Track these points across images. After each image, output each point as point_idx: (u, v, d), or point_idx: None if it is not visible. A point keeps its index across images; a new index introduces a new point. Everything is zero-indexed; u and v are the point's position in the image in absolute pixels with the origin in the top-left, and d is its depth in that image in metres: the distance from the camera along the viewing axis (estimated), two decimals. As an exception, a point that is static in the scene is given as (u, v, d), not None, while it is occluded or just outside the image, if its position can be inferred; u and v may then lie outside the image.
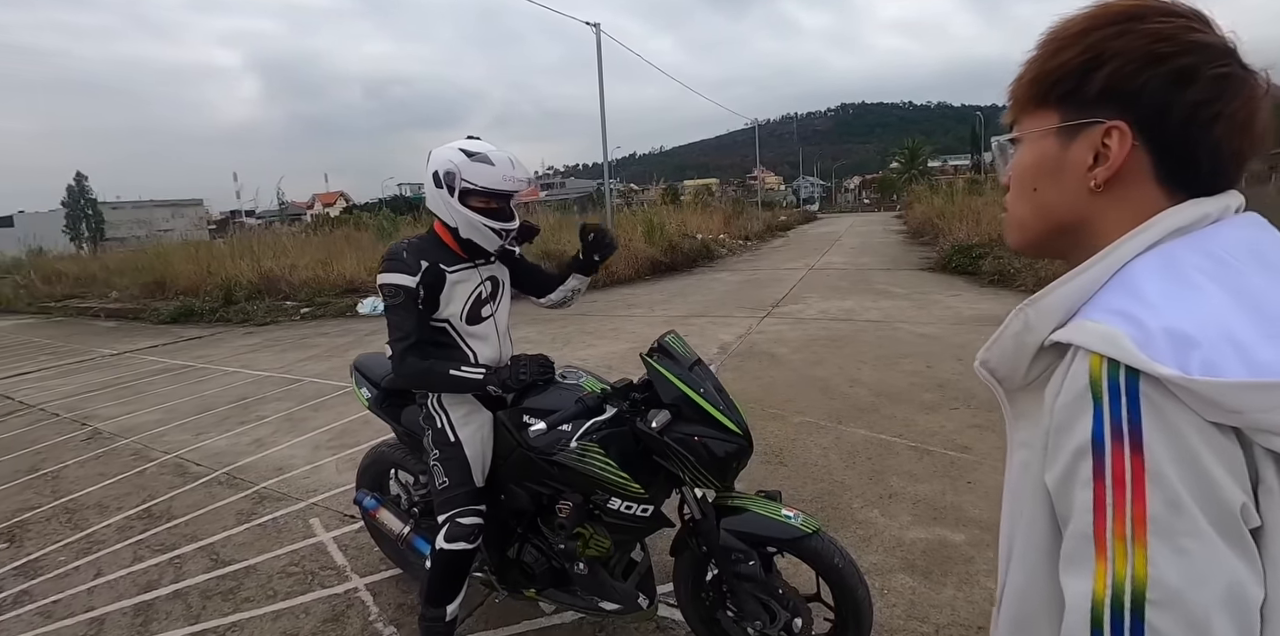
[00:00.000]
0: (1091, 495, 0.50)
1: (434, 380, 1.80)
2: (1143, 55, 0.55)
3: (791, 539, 1.65)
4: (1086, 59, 0.57)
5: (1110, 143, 0.56)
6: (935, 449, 3.55)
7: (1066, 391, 0.52)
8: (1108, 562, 0.49)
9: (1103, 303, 0.54)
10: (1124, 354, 0.49)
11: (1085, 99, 0.58)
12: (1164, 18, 0.55)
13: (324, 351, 7.09)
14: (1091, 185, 0.58)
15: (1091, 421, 0.50)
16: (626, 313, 8.46)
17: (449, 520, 1.80)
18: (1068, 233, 0.62)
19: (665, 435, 1.57)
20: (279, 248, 13.36)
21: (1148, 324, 0.49)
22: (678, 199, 27.45)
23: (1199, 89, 0.54)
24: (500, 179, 1.75)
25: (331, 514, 3.13)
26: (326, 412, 4.78)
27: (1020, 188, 0.65)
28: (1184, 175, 0.57)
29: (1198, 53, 0.54)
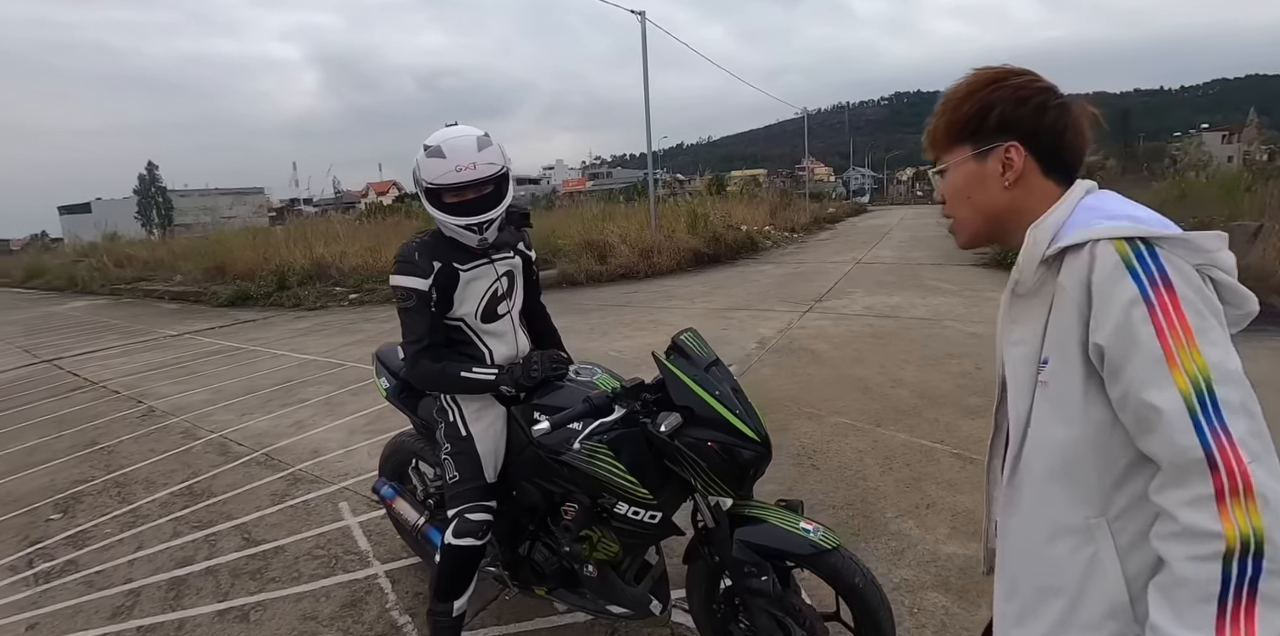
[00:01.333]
0: (1152, 327, 0.74)
1: (446, 382, 1.76)
2: (1014, 101, 0.88)
3: (809, 554, 1.55)
4: (980, 109, 0.90)
5: (1011, 156, 0.89)
6: (979, 457, 3.37)
7: (1100, 269, 0.77)
8: (1179, 369, 0.72)
9: (1087, 220, 0.83)
10: (1141, 232, 0.77)
11: (987, 132, 0.90)
12: (1016, 77, 0.90)
13: (368, 337, 7.25)
14: (1005, 185, 0.90)
15: (1132, 281, 0.75)
16: (666, 304, 8.38)
17: (458, 515, 1.78)
18: (1000, 220, 0.93)
19: (676, 439, 1.48)
20: (331, 235, 13.74)
21: (1139, 216, 0.82)
22: (723, 189, 27.08)
23: (1050, 115, 0.88)
24: (451, 170, 1.59)
25: (360, 499, 3.17)
26: (364, 397, 4.87)
27: (957, 199, 0.96)
28: (1057, 167, 0.90)
29: (1043, 94, 0.89)
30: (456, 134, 1.66)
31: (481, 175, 1.62)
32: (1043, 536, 0.87)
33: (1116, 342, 0.75)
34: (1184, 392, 0.72)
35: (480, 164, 1.62)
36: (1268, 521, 0.67)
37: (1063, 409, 0.83)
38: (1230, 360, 0.73)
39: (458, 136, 1.65)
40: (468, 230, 1.68)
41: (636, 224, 13.39)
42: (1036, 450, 0.87)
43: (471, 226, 1.68)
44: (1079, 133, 0.89)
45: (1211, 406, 0.71)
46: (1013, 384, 0.89)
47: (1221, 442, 0.70)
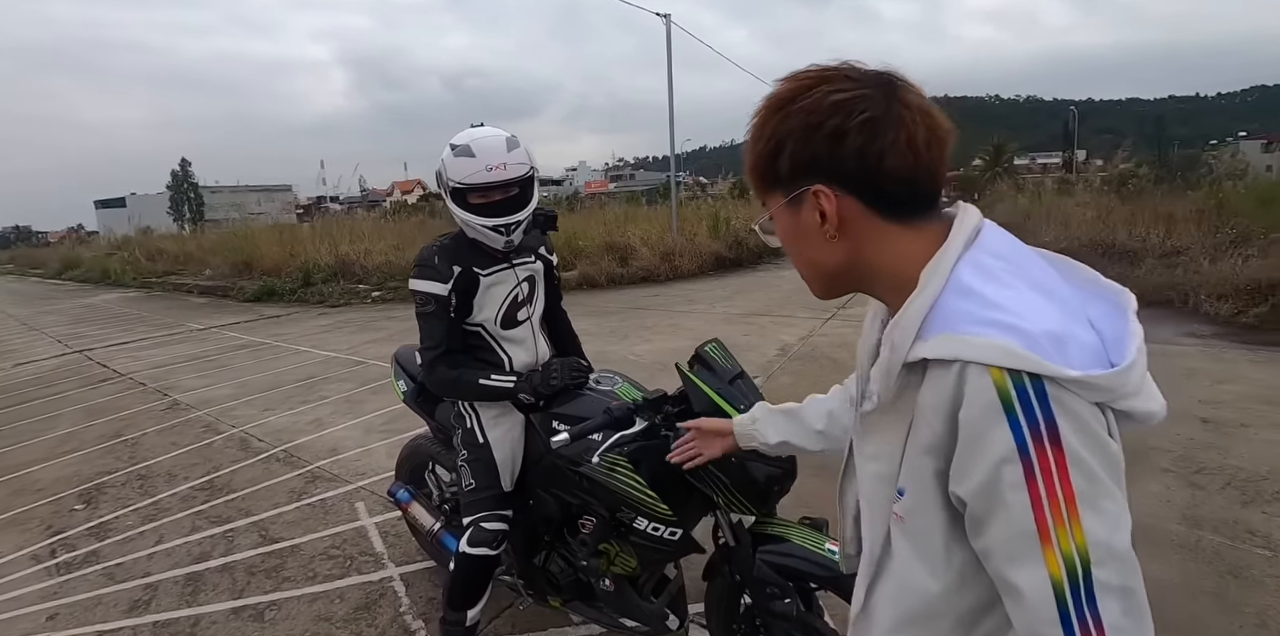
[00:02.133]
0: (1027, 495, 0.58)
1: (464, 390, 1.74)
2: (802, 130, 0.66)
3: (836, 576, 1.47)
4: (771, 147, 0.69)
5: (821, 202, 0.67)
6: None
7: (969, 406, 0.59)
8: (1054, 547, 0.58)
9: (961, 313, 0.61)
10: (1028, 363, 0.57)
11: (785, 177, 0.69)
12: (808, 93, 0.66)
13: (390, 335, 7.30)
14: (829, 237, 0.69)
15: (1009, 430, 0.57)
16: (687, 308, 8.33)
17: (473, 524, 1.75)
18: (844, 274, 0.73)
19: None
20: (356, 233, 13.91)
21: (1027, 330, 0.58)
22: (747, 193, 26.83)
23: (853, 139, 0.64)
24: (482, 170, 1.56)
25: (376, 499, 3.16)
26: (384, 396, 4.89)
27: (791, 252, 0.76)
28: (889, 203, 0.67)
29: (838, 112, 0.64)
30: (485, 134, 1.63)
31: (511, 176, 1.60)
32: None
33: (981, 502, 0.61)
34: (1055, 577, 0.59)
35: (510, 164, 1.59)
36: None
37: (923, 551, 0.70)
38: (1118, 533, 0.59)
39: (487, 136, 1.62)
40: (495, 231, 1.65)
41: (658, 226, 13.37)
42: (892, 592, 0.75)
43: (499, 228, 1.65)
44: (909, 153, 0.65)
45: (1085, 592, 0.59)
46: (866, 504, 0.76)
47: (1089, 634, 0.59)
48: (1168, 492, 3.01)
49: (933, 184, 0.67)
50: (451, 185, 1.62)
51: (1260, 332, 6.21)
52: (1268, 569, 2.40)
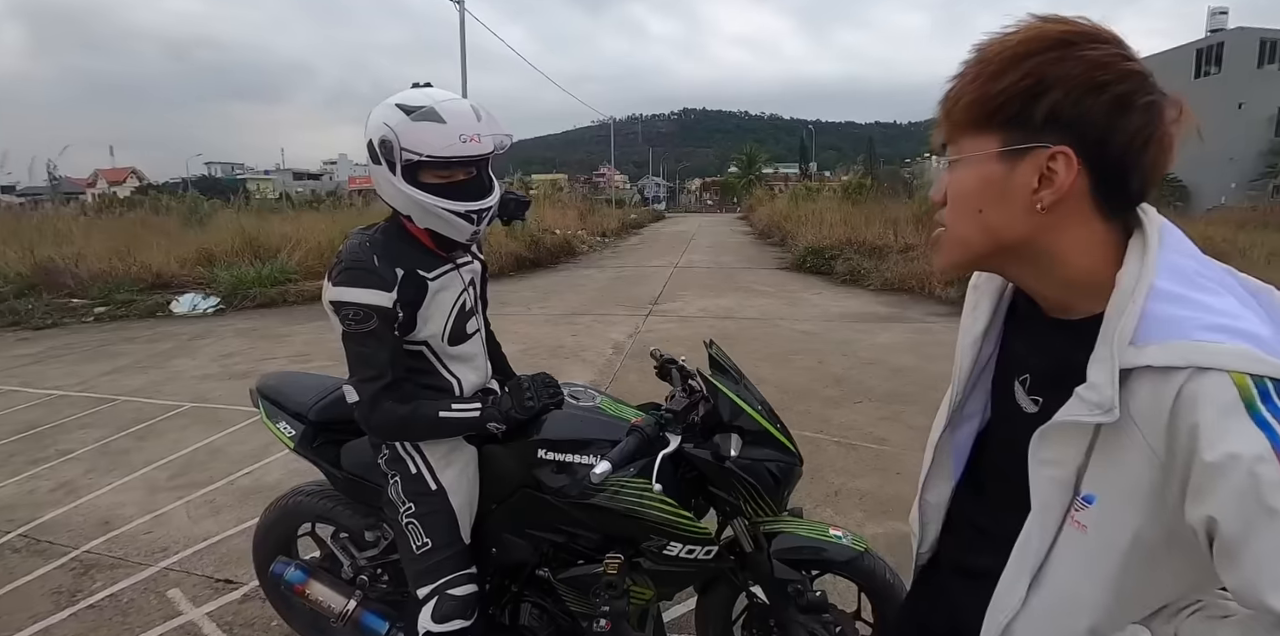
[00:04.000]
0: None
1: (418, 427, 1.39)
2: (1083, 82, 0.58)
3: (846, 560, 1.53)
4: (1029, 84, 0.59)
5: (1055, 167, 0.60)
6: (858, 443, 3.65)
7: (1205, 408, 0.54)
8: None
9: (1181, 319, 0.58)
10: (1270, 368, 0.54)
11: (1030, 124, 0.60)
12: (1096, 44, 0.58)
13: (136, 361, 5.83)
14: (1038, 207, 0.62)
15: (1259, 428, 0.53)
16: (501, 311, 7.96)
17: (436, 593, 1.40)
18: (1012, 251, 0.66)
19: (729, 461, 1.36)
20: (57, 232, 10.97)
21: (1261, 335, 0.56)
22: (529, 193, 26.74)
23: (1136, 115, 0.58)
24: (456, 140, 1.27)
25: (197, 580, 2.42)
26: (157, 441, 3.86)
27: (963, 209, 0.67)
28: (1118, 194, 0.62)
29: (1130, 81, 0.58)
30: (447, 96, 1.32)
31: (484, 150, 1.31)
32: None
33: (1237, 514, 0.54)
34: None
35: (484, 137, 1.30)
36: None
37: (1095, 566, 0.66)
38: None
39: (450, 99, 1.31)
40: (465, 219, 1.34)
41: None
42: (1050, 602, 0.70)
43: (471, 214, 1.34)
44: (1165, 150, 0.60)
45: None
46: (1039, 505, 0.70)
47: None
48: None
49: (1155, 186, 0.63)
50: (410, 158, 1.27)
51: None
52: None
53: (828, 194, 20.56)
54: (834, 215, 14.86)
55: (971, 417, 0.88)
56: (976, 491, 0.87)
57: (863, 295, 8.93)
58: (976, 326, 0.81)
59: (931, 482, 0.92)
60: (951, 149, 0.67)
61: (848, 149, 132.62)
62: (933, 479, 0.92)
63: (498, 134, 1.32)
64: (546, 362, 5.47)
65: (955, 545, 0.92)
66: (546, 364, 5.42)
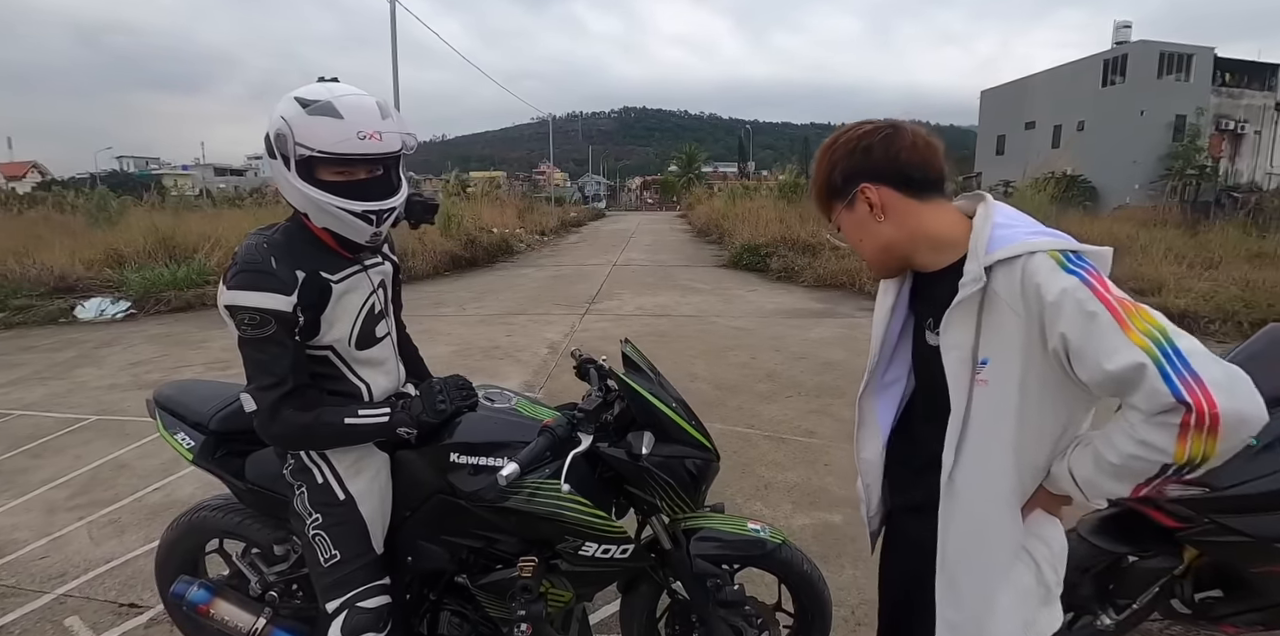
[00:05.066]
0: (1100, 303, 0.86)
1: (322, 436, 1.34)
2: (846, 154, 1.05)
3: (764, 553, 1.57)
4: (827, 170, 1.08)
5: (868, 195, 1.04)
6: (787, 436, 3.75)
7: (1040, 272, 0.91)
8: (1133, 330, 0.84)
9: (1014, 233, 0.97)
10: (1069, 245, 0.94)
11: (842, 189, 1.07)
12: (843, 134, 1.07)
13: (35, 371, 5.42)
14: (879, 220, 1.05)
15: (1070, 274, 0.90)
16: (435, 312, 7.81)
17: (345, 606, 1.36)
18: (896, 249, 1.08)
19: (645, 460, 1.37)
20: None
21: (1057, 233, 0.97)
22: (466, 190, 26.17)
23: (876, 151, 1.04)
24: (354, 137, 1.23)
25: (99, 606, 2.28)
26: (55, 458, 3.60)
27: (856, 244, 1.11)
28: (915, 186, 1.04)
29: (866, 137, 1.03)
30: (348, 91, 1.28)
31: (386, 149, 1.26)
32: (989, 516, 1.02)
33: (1074, 325, 0.86)
34: (1145, 349, 0.82)
35: (386, 134, 1.25)
36: (1220, 447, 0.81)
37: (1001, 405, 0.96)
38: (1171, 324, 0.86)
39: (352, 94, 1.27)
40: (362, 220, 1.30)
41: (393, 232, 12.23)
42: (980, 445, 1.00)
43: (369, 214, 1.30)
44: (914, 151, 1.02)
45: (1175, 356, 0.81)
46: (952, 381, 1.01)
47: (1192, 387, 0.80)
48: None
49: (935, 172, 1.04)
50: (302, 153, 1.23)
51: (906, 305, 8.21)
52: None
53: (765, 192, 20.93)
54: (770, 213, 15.18)
55: (893, 383, 1.21)
56: (906, 439, 1.18)
57: (796, 291, 9.18)
58: (887, 301, 1.18)
59: (863, 442, 1.24)
60: (833, 221, 1.12)
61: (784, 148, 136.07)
62: (863, 439, 1.24)
63: (403, 132, 1.29)
64: (480, 363, 5.40)
65: (898, 490, 1.21)
66: (480, 365, 5.35)
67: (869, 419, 1.22)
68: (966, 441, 1.00)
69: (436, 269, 11.24)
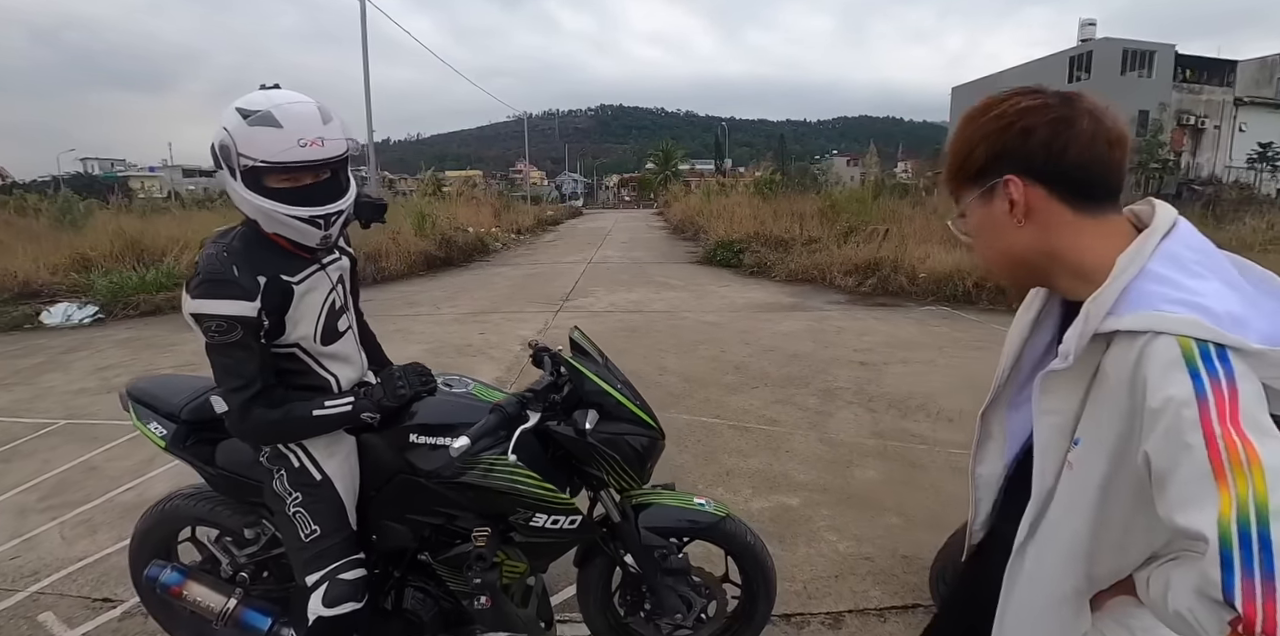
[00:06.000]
0: (1203, 438, 0.63)
1: (293, 429, 1.43)
2: (996, 130, 0.80)
3: (708, 525, 1.68)
4: (965, 149, 0.83)
5: (1010, 190, 0.79)
6: (751, 425, 3.88)
7: (1154, 363, 0.67)
8: (1229, 486, 0.61)
9: (1154, 294, 0.71)
10: (1212, 334, 0.66)
11: (982, 172, 0.82)
12: (999, 104, 0.81)
13: (1, 377, 5.37)
14: (1017, 223, 0.81)
15: (1190, 378, 0.65)
16: (409, 311, 7.83)
17: (327, 578, 1.45)
18: (1030, 263, 0.84)
19: (590, 436, 1.47)
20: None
21: (1214, 309, 0.68)
22: (441, 189, 26.04)
23: (1041, 134, 0.77)
24: (295, 145, 1.25)
25: (72, 601, 2.33)
26: (25, 462, 3.60)
27: (981, 243, 0.88)
28: (1074, 192, 0.79)
29: (1029, 115, 0.77)
30: (289, 99, 1.31)
31: (329, 154, 1.31)
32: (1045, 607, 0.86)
33: (1161, 450, 0.66)
34: (1223, 523, 0.60)
35: (328, 140, 1.30)
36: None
37: (1078, 498, 0.79)
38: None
39: (292, 102, 1.30)
40: (310, 224, 1.35)
41: (356, 225, 12.19)
42: (1052, 531, 0.84)
43: (316, 219, 1.35)
44: (1090, 147, 0.76)
45: (1258, 547, 0.59)
46: (1041, 452, 0.85)
47: (1254, 593, 0.58)
48: (856, 418, 3.94)
49: (1112, 178, 0.79)
50: (246, 163, 1.27)
51: (874, 297, 8.39)
52: (930, 457, 3.36)
53: (741, 189, 21.14)
54: (744, 210, 15.37)
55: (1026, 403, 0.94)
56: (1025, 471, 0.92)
57: (768, 286, 9.34)
58: (1028, 314, 0.98)
59: (982, 455, 1.05)
60: (959, 207, 0.89)
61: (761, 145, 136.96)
62: (982, 450, 1.04)
63: (344, 137, 1.34)
64: (454, 361, 5.46)
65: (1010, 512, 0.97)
66: (454, 362, 5.40)
67: (994, 433, 1.03)
68: (1044, 523, 0.85)
69: (411, 269, 11.21)
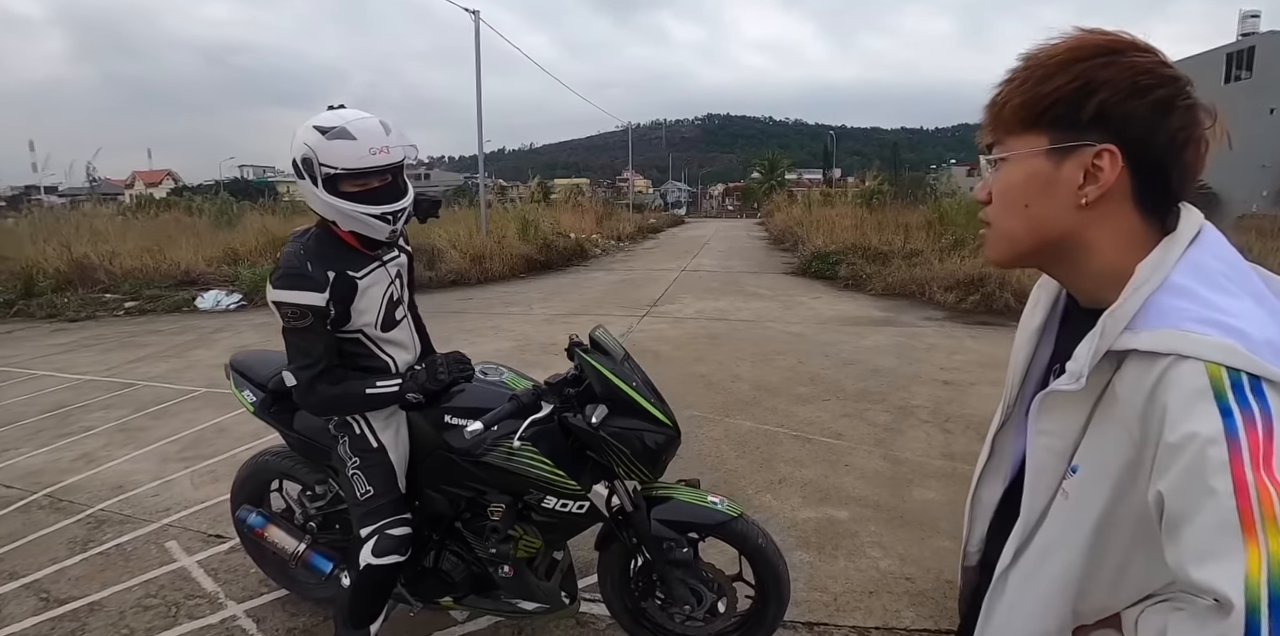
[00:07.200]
0: (1231, 482, 0.53)
1: (349, 404, 1.64)
2: (1129, 86, 0.61)
3: (719, 523, 1.73)
4: (1078, 86, 0.62)
5: (1101, 164, 0.63)
6: (814, 437, 3.84)
7: (1178, 391, 0.57)
8: (1259, 541, 0.51)
9: (1178, 310, 0.60)
10: (1250, 364, 0.56)
11: (1077, 123, 0.63)
12: (1139, 52, 0.63)
13: (159, 351, 6.25)
14: (1082, 202, 0.65)
15: (1219, 413, 0.55)
16: (505, 310, 8.28)
17: (377, 532, 1.66)
18: (1054, 245, 0.69)
19: (601, 429, 1.57)
20: (94, 231, 11.59)
21: (1252, 335, 0.57)
22: (549, 197, 27.20)
23: (1176, 117, 0.62)
24: (366, 153, 1.47)
25: (192, 535, 2.77)
26: (171, 420, 4.23)
27: (1009, 204, 0.70)
28: (1156, 192, 0.65)
29: (1171, 85, 0.62)
30: (358, 116, 1.53)
31: (394, 159, 1.53)
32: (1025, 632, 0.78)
33: (1182, 491, 0.56)
34: (1250, 586, 0.51)
35: (392, 148, 1.52)
36: None
37: (1072, 531, 0.70)
38: None
39: (361, 118, 1.52)
40: (381, 220, 1.56)
41: (465, 229, 13.05)
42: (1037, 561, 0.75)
43: (386, 216, 1.56)
44: (1199, 150, 0.64)
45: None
46: (1033, 473, 0.75)
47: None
48: (928, 437, 3.80)
49: (1191, 189, 0.66)
50: (327, 172, 1.50)
51: (975, 315, 7.94)
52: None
53: (846, 199, 20.54)
54: (847, 220, 14.96)
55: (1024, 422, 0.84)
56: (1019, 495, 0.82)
57: (861, 299, 9.06)
58: (1034, 321, 0.83)
59: (986, 478, 0.93)
60: (998, 149, 0.69)
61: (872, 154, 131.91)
62: (988, 474, 0.92)
63: (405, 145, 1.56)
64: (538, 357, 5.75)
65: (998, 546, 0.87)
66: (538, 358, 5.69)
67: (1002, 457, 0.91)
68: (1028, 552, 0.76)
69: (512, 270, 11.80)
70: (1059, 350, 0.81)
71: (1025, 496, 0.75)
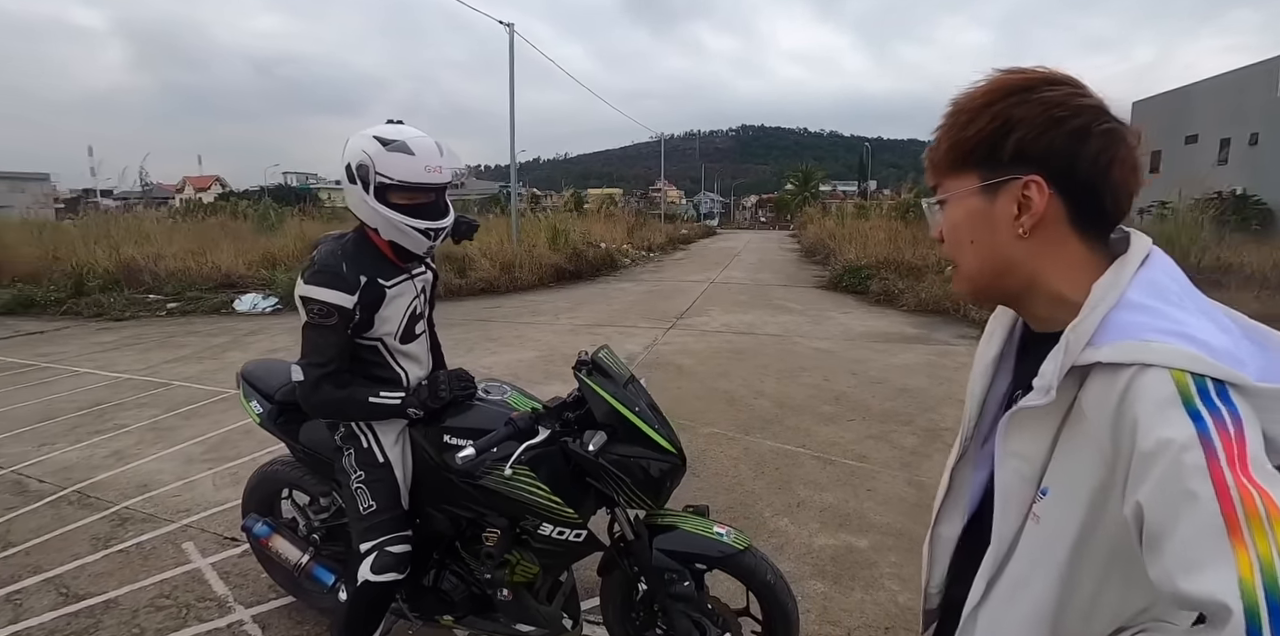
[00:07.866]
0: (1211, 485, 0.53)
1: (349, 410, 1.64)
2: (1044, 120, 0.65)
3: (724, 556, 1.65)
4: (997, 126, 0.66)
5: (1030, 194, 0.66)
6: (836, 458, 3.74)
7: (1144, 400, 0.57)
8: (1246, 543, 0.50)
9: (1137, 324, 0.62)
10: (1215, 370, 0.57)
11: (1000, 160, 0.67)
12: (1051, 87, 0.66)
13: (196, 352, 6.43)
14: (1019, 232, 0.68)
15: (1189, 418, 0.55)
16: (530, 320, 8.32)
17: (376, 548, 1.64)
18: (1006, 277, 0.72)
19: (601, 457, 1.52)
20: (142, 233, 12.05)
21: (1212, 344, 0.58)
22: (581, 206, 27.37)
23: (1095, 142, 0.65)
24: (422, 170, 1.54)
25: (209, 536, 2.81)
26: (200, 421, 4.33)
27: (957, 241, 0.74)
28: (1091, 213, 0.68)
29: (1085, 114, 0.65)
30: (415, 133, 1.58)
31: (444, 179, 1.59)
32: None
33: (1161, 499, 0.55)
34: (1246, 588, 0.49)
35: (445, 168, 1.58)
36: None
37: (1046, 556, 0.68)
38: None
39: (418, 136, 1.57)
40: (424, 235, 1.61)
41: (496, 237, 13.21)
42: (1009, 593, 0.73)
43: (430, 231, 1.61)
44: (1131, 170, 0.66)
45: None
46: (1001, 499, 0.73)
47: None
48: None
49: (1126, 208, 0.69)
50: (381, 181, 1.54)
51: (1009, 335, 7.72)
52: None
53: (881, 212, 20.24)
54: (880, 234, 14.75)
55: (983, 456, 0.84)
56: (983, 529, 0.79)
57: (892, 315, 8.87)
58: (990, 352, 0.83)
59: (945, 513, 0.90)
60: (940, 191, 0.74)
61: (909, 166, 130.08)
62: (947, 510, 0.90)
63: (455, 168, 1.61)
64: (560, 369, 5.74)
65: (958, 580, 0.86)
66: (559, 370, 5.68)
67: (961, 491, 0.88)
68: (1000, 583, 0.74)
69: (541, 280, 11.90)
70: (1018, 379, 0.81)
71: (995, 524, 0.74)
